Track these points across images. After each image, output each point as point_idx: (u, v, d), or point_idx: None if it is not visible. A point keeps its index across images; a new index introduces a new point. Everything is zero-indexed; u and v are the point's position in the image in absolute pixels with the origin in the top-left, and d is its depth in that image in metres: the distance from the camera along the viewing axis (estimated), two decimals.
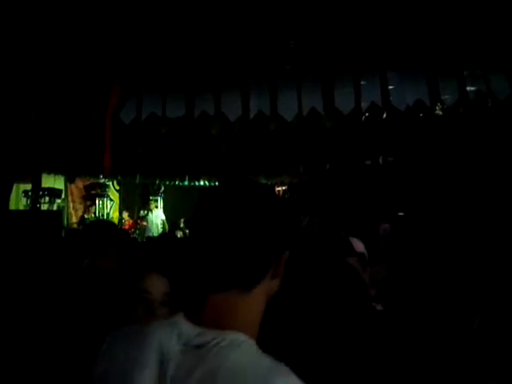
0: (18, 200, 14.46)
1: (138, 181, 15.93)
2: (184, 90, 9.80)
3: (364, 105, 9.84)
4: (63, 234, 11.40)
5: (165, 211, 17.21)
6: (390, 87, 9.78)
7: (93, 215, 16.26)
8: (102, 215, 16.89)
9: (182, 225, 16.23)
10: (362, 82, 9.83)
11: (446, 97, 9.88)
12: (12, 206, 13.80)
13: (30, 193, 14.22)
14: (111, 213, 17.26)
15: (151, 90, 9.86)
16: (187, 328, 1.33)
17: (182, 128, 10.25)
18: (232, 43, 8.85)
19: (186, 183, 16.37)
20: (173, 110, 9.89)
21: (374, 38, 9.03)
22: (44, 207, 14.31)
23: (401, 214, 12.08)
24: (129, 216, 16.48)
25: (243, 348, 1.26)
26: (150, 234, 14.96)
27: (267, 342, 1.30)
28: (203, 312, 1.34)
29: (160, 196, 17.73)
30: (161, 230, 15.52)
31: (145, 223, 16.05)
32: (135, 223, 16.51)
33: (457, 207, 10.54)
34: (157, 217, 16.04)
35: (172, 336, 1.33)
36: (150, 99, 9.89)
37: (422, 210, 11.30)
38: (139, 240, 13.97)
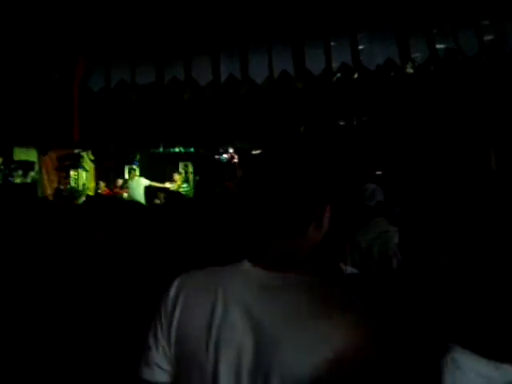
0: None
1: (112, 149, 15.81)
2: (153, 56, 9.72)
3: (335, 65, 9.84)
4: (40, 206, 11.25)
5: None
6: (360, 47, 9.77)
7: (68, 186, 16.14)
8: (78, 186, 16.76)
9: (158, 193, 16.14)
10: (332, 43, 9.80)
11: (417, 55, 9.88)
12: None
13: (1, 166, 14.06)
14: (87, 183, 17.12)
15: (120, 58, 9.76)
16: (257, 272, 1.52)
17: (152, 94, 10.18)
18: (200, 7, 8.74)
19: (161, 150, 16.27)
20: (142, 77, 9.82)
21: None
22: (17, 180, 14.16)
23: (378, 172, 12.11)
24: (106, 186, 16.34)
25: (312, 282, 1.50)
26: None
27: None
28: (266, 258, 1.53)
29: (136, 164, 17.58)
30: (143, 197, 15.39)
31: (125, 192, 15.92)
32: (112, 192, 16.39)
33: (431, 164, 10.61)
34: (138, 184, 15.89)
35: (246, 280, 1.52)
36: (118, 67, 9.80)
37: (399, 171, 11.35)
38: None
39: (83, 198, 15.67)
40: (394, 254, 4.18)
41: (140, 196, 15.41)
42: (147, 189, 15.76)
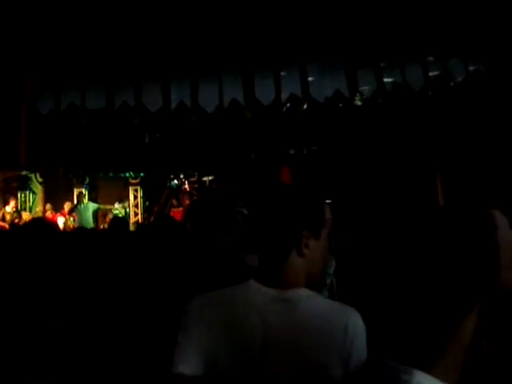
0: None
1: (60, 173, 15.61)
2: (103, 81, 9.70)
3: (284, 96, 9.99)
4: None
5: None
6: (310, 79, 9.95)
7: (14, 209, 15.84)
8: (24, 209, 16.46)
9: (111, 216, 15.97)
10: (282, 73, 9.95)
11: (365, 88, 10.11)
12: None
13: None
14: (34, 206, 16.83)
15: (70, 82, 9.72)
16: (265, 288, 1.85)
17: (102, 119, 10.15)
18: (152, 35, 8.80)
19: (111, 174, 16.13)
20: (93, 101, 9.79)
21: (292, 30, 9.14)
22: None
23: (328, 201, 12.24)
24: (52, 209, 16.07)
25: (315, 297, 1.86)
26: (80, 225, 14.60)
27: None
28: (268, 278, 1.86)
29: (85, 187, 17.36)
30: (92, 222, 15.18)
31: (74, 215, 15.67)
32: (60, 215, 16.13)
33: (378, 195, 10.78)
34: (87, 209, 15.66)
35: (257, 295, 1.84)
36: (68, 90, 9.76)
37: (347, 197, 11.48)
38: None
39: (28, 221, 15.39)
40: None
41: (88, 220, 15.23)
42: (95, 212, 15.61)
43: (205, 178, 16.41)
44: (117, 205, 15.89)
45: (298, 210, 1.87)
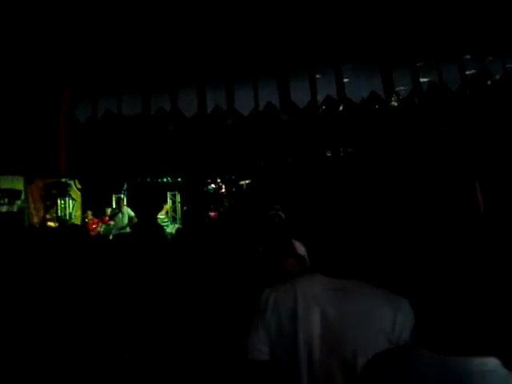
0: None
1: (99, 179, 15.80)
2: (139, 87, 9.78)
3: (320, 98, 9.93)
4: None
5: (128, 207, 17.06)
6: (345, 80, 9.88)
7: (54, 215, 16.08)
8: (64, 215, 16.71)
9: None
10: (318, 76, 9.91)
11: (401, 88, 10.01)
12: None
13: None
14: (73, 212, 17.06)
15: (106, 89, 9.83)
16: (327, 279, 2.13)
17: (139, 125, 10.24)
18: (187, 40, 8.83)
19: (149, 180, 16.31)
20: (129, 108, 9.88)
21: (327, 31, 9.09)
22: (3, 209, 14.13)
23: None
24: (92, 215, 16.25)
25: (369, 287, 2.12)
26: (118, 232, 14.79)
27: None
28: (332, 271, 2.14)
29: (123, 193, 17.56)
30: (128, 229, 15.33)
31: (112, 222, 15.86)
32: (99, 222, 16.31)
33: (416, 195, 10.67)
34: (124, 215, 15.84)
35: (319, 285, 2.12)
36: (105, 97, 9.87)
37: (384, 200, 11.39)
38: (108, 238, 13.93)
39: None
40: None
41: (125, 227, 15.40)
42: (130, 220, 15.78)
43: (241, 182, 16.46)
44: (161, 215, 16.08)
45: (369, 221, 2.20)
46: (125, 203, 16.89)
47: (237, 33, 8.90)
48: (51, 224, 15.23)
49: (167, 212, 16.36)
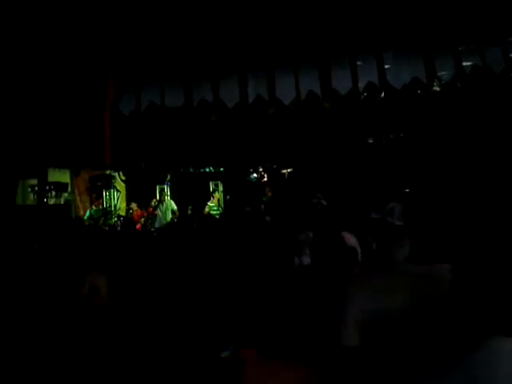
0: (25, 195, 14.58)
1: (143, 170, 15.98)
2: (182, 79, 9.88)
3: (361, 85, 9.90)
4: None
5: (172, 199, 17.21)
6: (386, 66, 9.83)
7: (100, 207, 16.32)
8: (110, 206, 16.94)
9: (189, 212, 16.24)
10: (358, 63, 9.88)
11: (443, 73, 9.91)
12: (19, 202, 13.93)
13: (36, 188, 14.30)
14: (118, 204, 17.29)
15: (149, 81, 9.95)
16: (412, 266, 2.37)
17: (181, 117, 10.35)
18: (227, 30, 8.90)
19: (192, 170, 16.44)
20: (172, 100, 9.99)
21: (368, 18, 9.06)
22: (51, 201, 14.41)
23: (406, 190, 12.05)
24: (137, 206, 16.43)
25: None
26: (160, 224, 14.96)
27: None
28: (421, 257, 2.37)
29: (166, 184, 17.71)
30: (170, 219, 15.49)
31: (156, 212, 16.02)
32: (144, 213, 16.47)
33: (460, 182, 10.56)
34: (167, 208, 15.97)
35: (409, 270, 2.38)
36: (148, 90, 9.99)
37: (427, 186, 11.29)
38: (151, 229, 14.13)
39: (115, 219, 15.92)
40: None
41: (168, 219, 15.58)
42: (174, 214, 15.93)
43: (283, 171, 16.49)
44: (211, 203, 16.22)
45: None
46: (168, 194, 17.06)
47: (278, 21, 8.93)
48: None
49: (218, 200, 16.41)
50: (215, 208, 16.00)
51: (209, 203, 16.15)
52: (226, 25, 8.78)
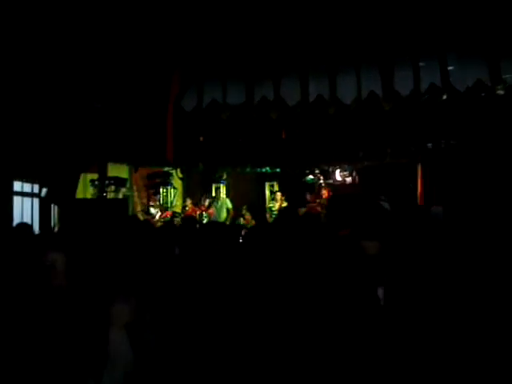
0: (85, 189, 14.89)
1: (200, 168, 16.13)
2: (244, 76, 9.96)
3: (423, 86, 9.81)
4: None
5: (227, 198, 17.30)
6: (450, 68, 9.72)
7: (157, 203, 16.54)
8: (166, 203, 17.15)
9: (244, 211, 16.29)
10: (421, 64, 9.80)
11: (508, 76, 9.75)
12: (80, 195, 14.25)
13: (96, 182, 14.59)
14: (175, 201, 17.47)
15: (211, 78, 10.05)
16: None
17: (242, 114, 10.42)
18: (290, 29, 8.95)
19: (248, 170, 16.45)
20: (233, 97, 10.08)
21: (432, 19, 8.99)
22: (110, 196, 14.66)
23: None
24: (192, 204, 16.57)
25: None
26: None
27: None
28: None
29: (222, 183, 17.79)
30: (225, 218, 15.54)
31: (211, 211, 16.09)
32: (198, 210, 16.59)
33: None
34: (222, 206, 16.03)
35: None
36: (210, 87, 10.10)
37: (483, 195, 11.06)
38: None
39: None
40: None
41: (223, 217, 15.65)
42: (228, 212, 15.99)
43: (340, 173, 16.39)
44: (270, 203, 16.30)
45: None
46: (224, 193, 17.11)
47: (340, 22, 8.94)
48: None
49: (281, 200, 16.34)
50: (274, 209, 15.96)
51: (270, 204, 16.20)
52: (289, 24, 8.82)
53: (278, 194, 16.21)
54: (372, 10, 8.74)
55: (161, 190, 17.31)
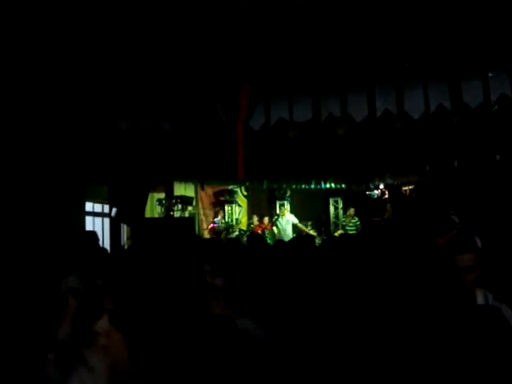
0: (153, 208, 15.22)
1: (265, 186, 16.25)
2: (310, 92, 10.00)
3: (493, 97, 9.65)
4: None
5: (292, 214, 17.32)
6: None
7: (223, 221, 16.76)
8: (231, 221, 17.36)
9: (309, 228, 16.32)
10: (490, 74, 9.64)
11: None
12: (148, 214, 14.56)
13: (163, 201, 14.90)
14: (240, 218, 17.67)
15: (278, 95, 10.12)
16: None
17: (309, 131, 10.46)
18: (356, 45, 8.95)
19: (313, 186, 16.50)
20: (300, 114, 10.12)
21: (501, 28, 8.86)
22: (177, 214, 14.95)
23: None
24: (258, 221, 16.68)
25: None
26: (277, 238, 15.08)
27: None
28: None
29: (287, 200, 17.89)
30: (291, 235, 15.51)
31: (274, 228, 16.16)
32: (263, 227, 16.67)
33: None
34: (287, 222, 16.05)
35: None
36: (277, 104, 10.17)
37: None
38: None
39: (236, 233, 16.27)
40: None
41: (288, 233, 15.68)
42: (295, 227, 16.00)
43: (404, 188, 16.27)
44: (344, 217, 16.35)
45: None
46: (288, 210, 17.17)
47: (407, 35, 8.89)
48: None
49: (353, 215, 16.30)
50: (351, 225, 15.87)
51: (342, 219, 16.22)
52: (354, 40, 8.83)
53: (352, 209, 16.17)
54: (437, 22, 8.68)
55: (226, 207, 17.56)
